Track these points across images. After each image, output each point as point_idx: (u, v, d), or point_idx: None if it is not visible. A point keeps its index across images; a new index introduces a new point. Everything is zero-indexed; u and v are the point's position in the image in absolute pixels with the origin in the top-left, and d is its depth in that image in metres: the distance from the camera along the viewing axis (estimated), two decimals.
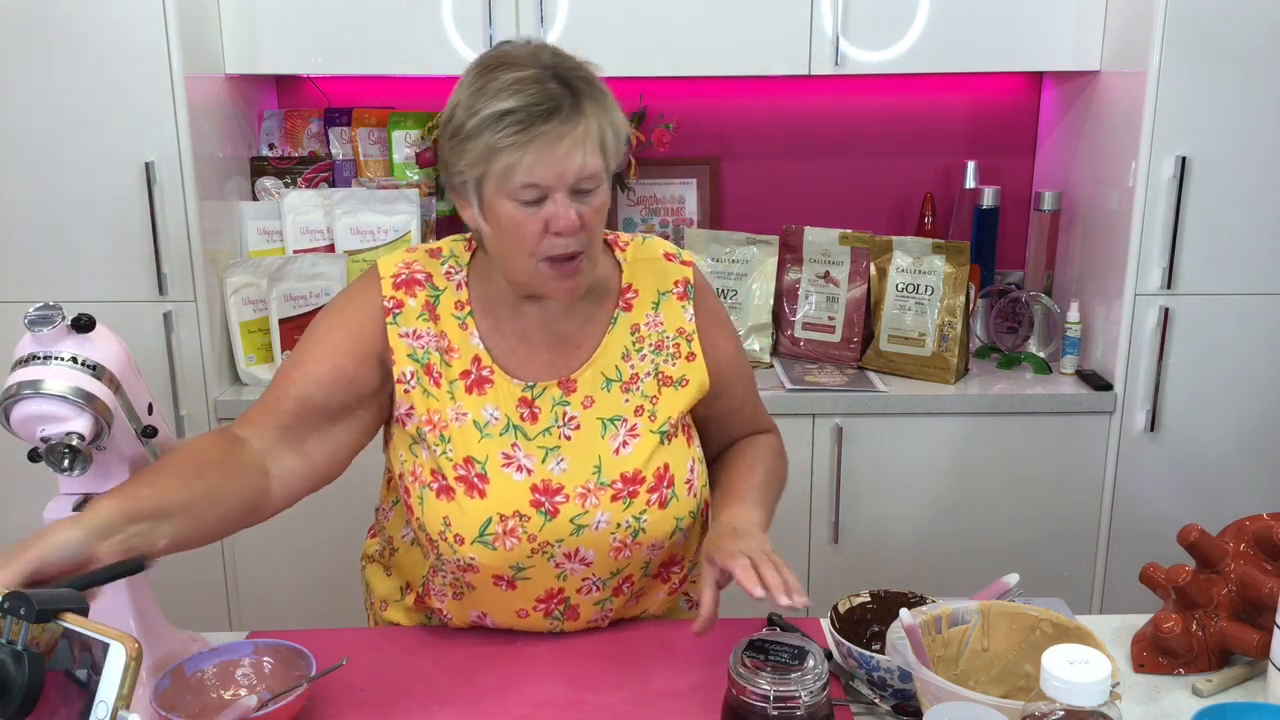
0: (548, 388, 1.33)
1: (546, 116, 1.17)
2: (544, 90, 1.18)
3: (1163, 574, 1.34)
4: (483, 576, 1.31)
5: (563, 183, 1.20)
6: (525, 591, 1.33)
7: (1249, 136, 2.26)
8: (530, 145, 1.17)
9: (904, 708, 1.21)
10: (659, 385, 1.36)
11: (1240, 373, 2.38)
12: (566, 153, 1.18)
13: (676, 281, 1.41)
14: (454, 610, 1.39)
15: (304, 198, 2.56)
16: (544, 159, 1.18)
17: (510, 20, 2.39)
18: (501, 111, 1.18)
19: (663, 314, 1.39)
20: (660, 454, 1.34)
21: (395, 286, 1.33)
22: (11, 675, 0.97)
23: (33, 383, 1.14)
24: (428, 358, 1.31)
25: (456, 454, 1.30)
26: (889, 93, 2.79)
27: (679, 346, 1.38)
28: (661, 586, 1.44)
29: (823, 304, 2.61)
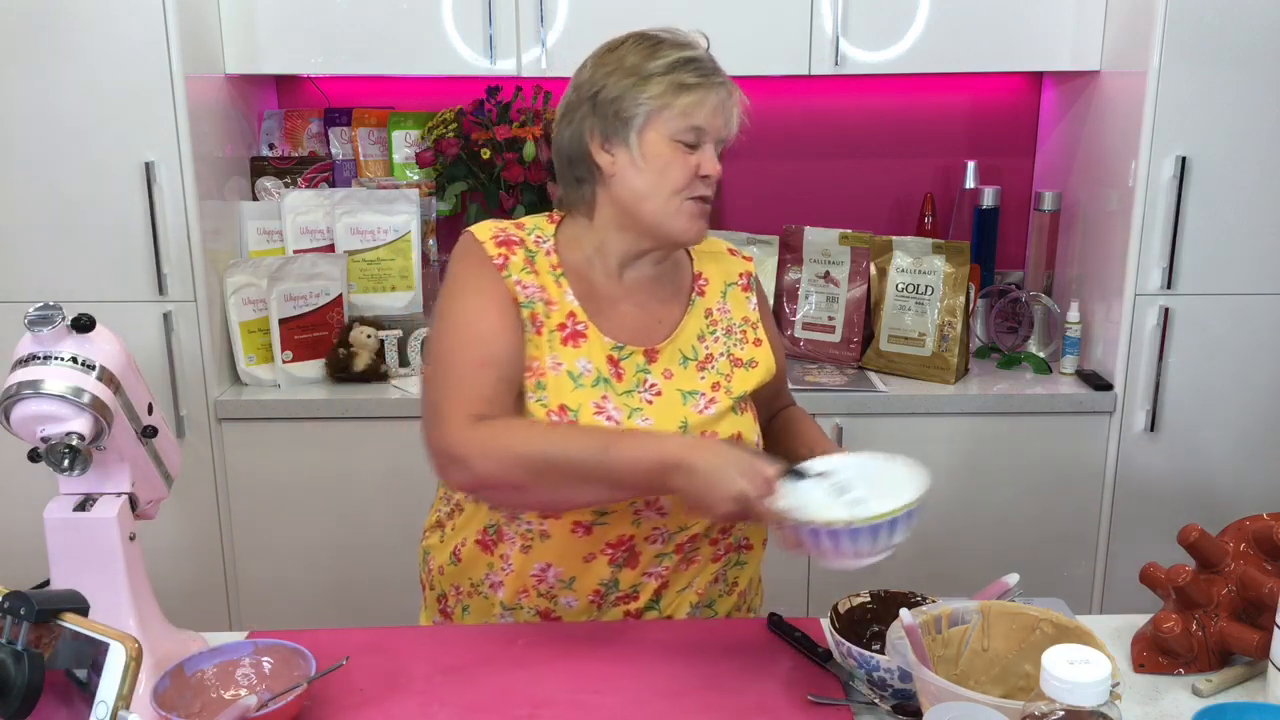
0: (634, 353, 1.41)
1: (717, 73, 1.38)
2: (707, 55, 1.40)
3: (1163, 574, 1.34)
4: (564, 523, 1.37)
5: (717, 134, 1.37)
6: (598, 537, 1.39)
7: (1249, 136, 2.26)
8: (711, 91, 1.35)
9: (904, 708, 1.21)
10: (731, 366, 1.46)
11: (1240, 373, 2.38)
12: (729, 109, 1.38)
13: (740, 274, 1.54)
14: (519, 562, 1.42)
15: (304, 198, 2.56)
16: (713, 108, 1.35)
17: (510, 20, 2.39)
18: (689, 58, 1.37)
19: (729, 303, 1.50)
20: (735, 422, 1.43)
21: (497, 245, 1.40)
22: (11, 675, 0.97)
23: (33, 383, 1.14)
24: (532, 307, 1.39)
25: (551, 401, 1.35)
26: (889, 93, 2.79)
27: (745, 333, 1.50)
28: (712, 560, 1.47)
29: (823, 304, 2.61)
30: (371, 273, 2.58)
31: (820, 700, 1.23)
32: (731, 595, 1.53)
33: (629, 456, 1.23)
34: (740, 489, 1.18)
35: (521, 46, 2.42)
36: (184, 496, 2.37)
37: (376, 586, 2.48)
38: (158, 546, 1.58)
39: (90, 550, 1.21)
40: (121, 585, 1.21)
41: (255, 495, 2.44)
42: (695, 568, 1.46)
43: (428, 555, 1.55)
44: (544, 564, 1.42)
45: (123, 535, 1.22)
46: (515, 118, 2.58)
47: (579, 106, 1.39)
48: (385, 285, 2.59)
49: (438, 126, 2.63)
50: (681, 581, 1.46)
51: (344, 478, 2.43)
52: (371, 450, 2.40)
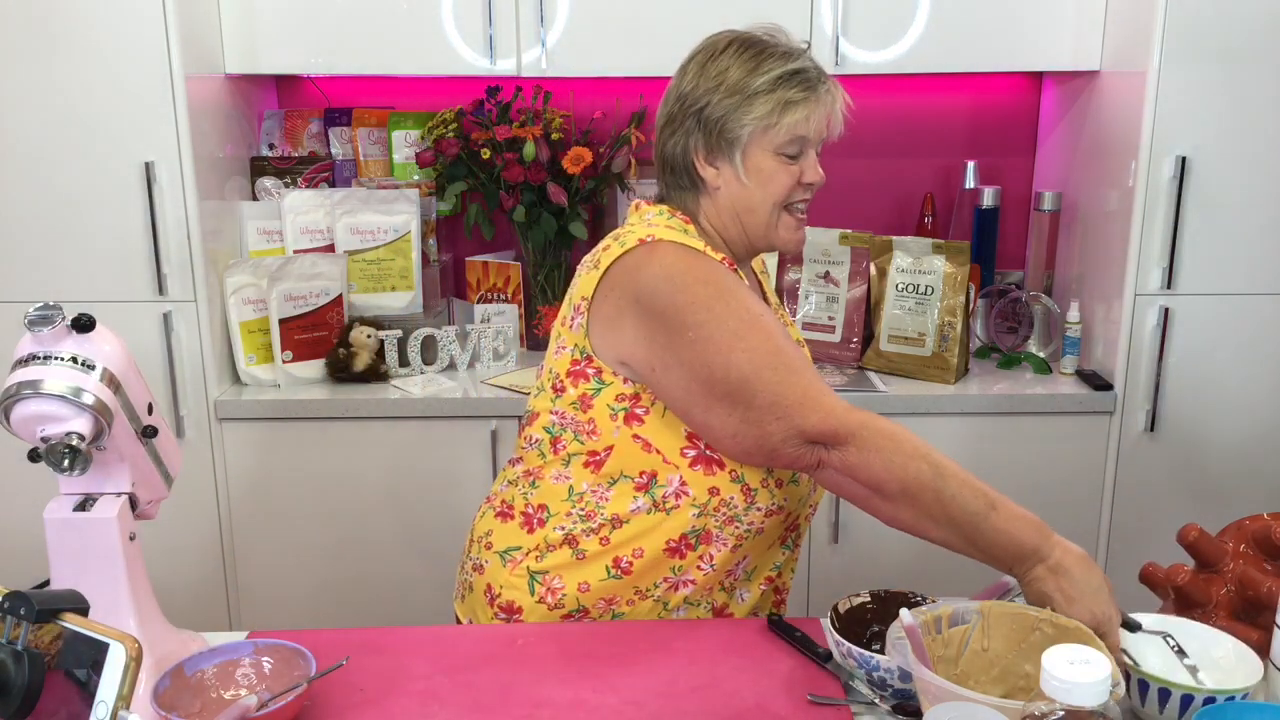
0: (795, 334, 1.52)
1: (822, 79, 1.39)
2: (810, 61, 1.40)
3: (1162, 573, 1.34)
4: (779, 518, 1.43)
5: (820, 138, 1.41)
6: (782, 522, 1.45)
7: (1249, 136, 2.26)
8: (817, 101, 1.37)
9: (904, 708, 1.21)
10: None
11: (1240, 373, 2.38)
12: (834, 112, 1.41)
13: (762, 259, 1.63)
14: (722, 560, 1.43)
15: (304, 198, 2.56)
16: (821, 116, 1.38)
17: (510, 20, 2.39)
18: (792, 71, 1.37)
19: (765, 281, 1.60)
20: None
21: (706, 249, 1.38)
22: (11, 675, 0.97)
23: (33, 383, 1.14)
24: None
25: None
26: (889, 93, 2.79)
27: (782, 314, 1.58)
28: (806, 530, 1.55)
29: (823, 304, 2.61)
30: (371, 273, 2.58)
31: (820, 700, 1.23)
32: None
33: (1008, 528, 1.22)
34: (1108, 614, 1.18)
35: (521, 46, 2.42)
36: (184, 496, 2.37)
37: (376, 586, 2.48)
38: (158, 546, 1.58)
39: (90, 550, 1.21)
40: (121, 585, 1.21)
41: (255, 495, 2.44)
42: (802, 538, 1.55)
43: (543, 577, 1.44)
44: (743, 557, 1.45)
45: (123, 535, 1.22)
46: (515, 118, 2.58)
47: (683, 120, 1.41)
48: (385, 285, 2.59)
49: (438, 126, 2.63)
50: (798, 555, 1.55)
51: (344, 478, 2.43)
52: (371, 450, 2.40)
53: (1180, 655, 1.22)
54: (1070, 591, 1.19)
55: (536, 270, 2.67)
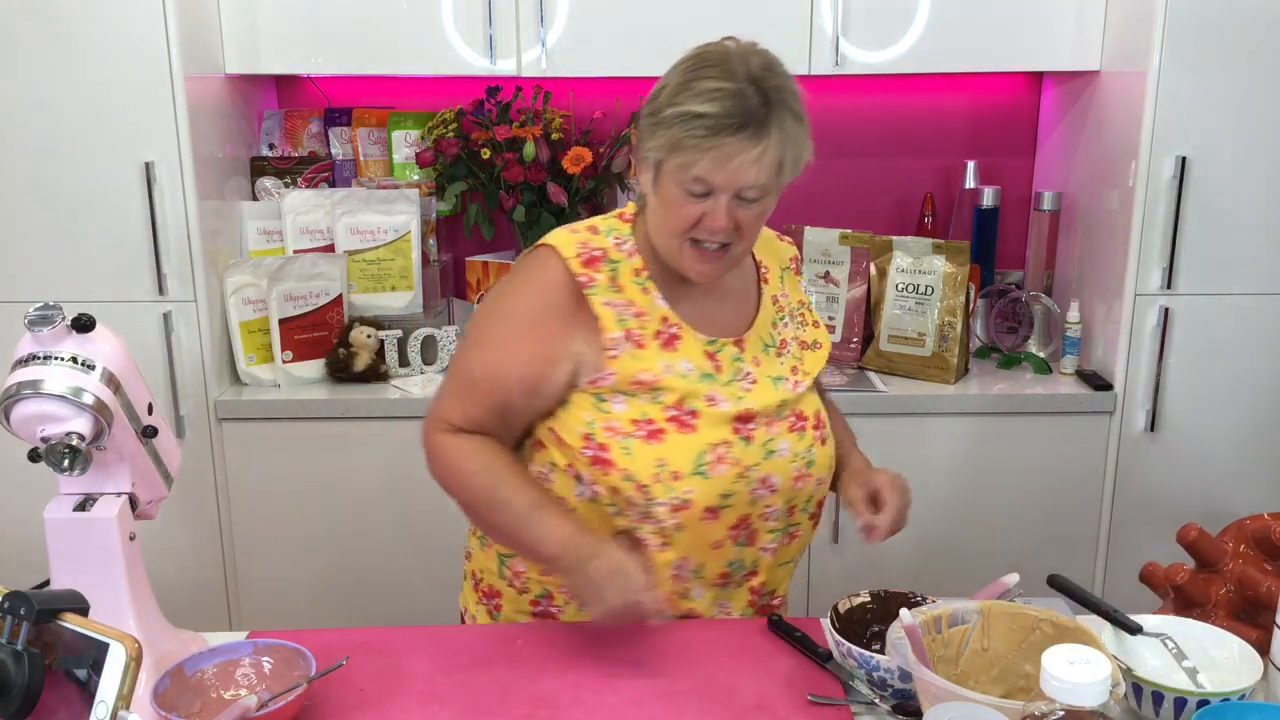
0: (726, 344, 1.44)
1: (734, 130, 1.27)
2: (740, 105, 1.27)
3: (1162, 573, 1.34)
4: (694, 512, 1.38)
5: (729, 189, 1.30)
6: (723, 521, 1.40)
7: (1249, 136, 2.26)
8: (711, 151, 1.27)
9: (904, 708, 1.21)
10: (800, 349, 1.51)
11: (1240, 373, 2.38)
12: (741, 166, 1.28)
13: (791, 259, 1.59)
14: (659, 560, 1.41)
15: (304, 198, 2.56)
16: (720, 166, 1.28)
17: (510, 20, 2.39)
18: (696, 113, 1.28)
19: (787, 288, 1.55)
20: (813, 400, 1.49)
21: (583, 264, 1.40)
22: (11, 675, 0.97)
23: (33, 383, 1.14)
24: (627, 324, 1.40)
25: (668, 399, 1.38)
26: (889, 93, 2.79)
27: (804, 316, 1.55)
28: (811, 531, 1.51)
29: (823, 304, 2.61)
30: (371, 273, 2.58)
31: (820, 700, 1.23)
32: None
33: (539, 533, 1.34)
34: (611, 608, 1.28)
35: (521, 46, 2.42)
36: (184, 496, 2.37)
37: (376, 586, 2.48)
38: (158, 546, 1.58)
39: (90, 550, 1.21)
40: (121, 585, 1.21)
41: (255, 495, 2.44)
42: (798, 542, 1.50)
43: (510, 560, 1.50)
44: (680, 559, 1.42)
45: (123, 535, 1.22)
46: (515, 118, 2.58)
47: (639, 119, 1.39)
48: (385, 285, 2.59)
49: (438, 126, 2.63)
50: (786, 555, 1.50)
51: (344, 478, 2.43)
52: (371, 450, 2.40)
53: (1179, 658, 1.22)
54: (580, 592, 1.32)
55: None
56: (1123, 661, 1.18)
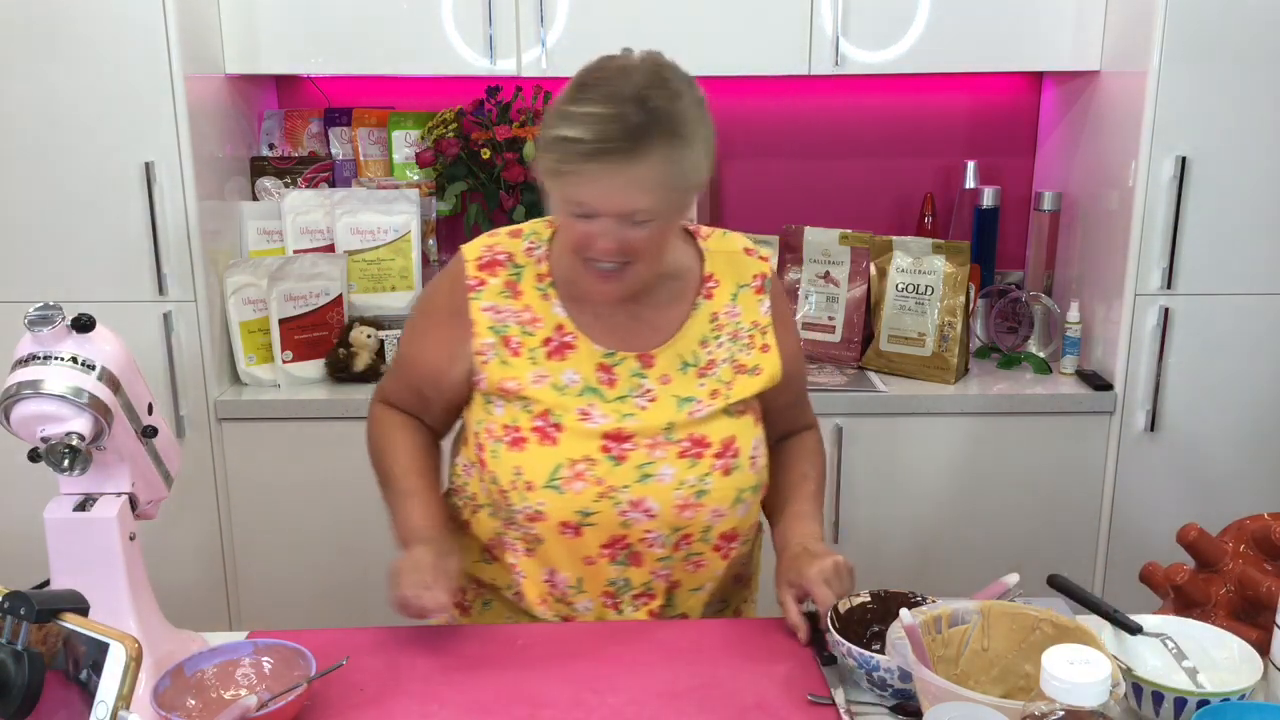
0: (626, 358, 1.40)
1: (607, 154, 1.22)
2: (616, 127, 1.22)
3: (1161, 573, 1.34)
4: (549, 524, 1.38)
5: (610, 213, 1.26)
6: (591, 538, 1.39)
7: (1249, 136, 2.26)
8: (584, 175, 1.24)
9: (904, 708, 1.21)
10: (734, 372, 1.43)
11: (1240, 373, 2.38)
12: (615, 189, 1.24)
13: (755, 275, 1.48)
14: (528, 569, 1.43)
15: (304, 198, 2.56)
16: (596, 191, 1.25)
17: (510, 20, 2.39)
18: (570, 138, 1.24)
19: (740, 305, 1.46)
20: (728, 425, 1.41)
21: (479, 268, 1.44)
22: (11, 675, 0.97)
23: (33, 383, 1.14)
24: (506, 330, 1.40)
25: (535, 409, 1.38)
26: (889, 93, 2.79)
27: (754, 338, 1.45)
28: (720, 561, 1.46)
29: (823, 304, 2.61)
30: (371, 273, 2.58)
31: (820, 700, 1.23)
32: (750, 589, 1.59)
33: (398, 513, 1.45)
34: (396, 597, 1.33)
35: (521, 46, 2.42)
36: (184, 496, 2.37)
37: (376, 586, 2.46)
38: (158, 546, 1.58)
39: (90, 550, 1.21)
40: (121, 585, 1.21)
41: (255, 495, 2.44)
42: (705, 571, 1.45)
43: None
44: (549, 569, 1.43)
45: (123, 535, 1.22)
46: (515, 118, 2.58)
47: None
48: (385, 285, 2.59)
49: (438, 126, 2.63)
50: (692, 582, 1.46)
51: (344, 478, 2.42)
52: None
53: (1179, 658, 1.22)
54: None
55: None
56: (1123, 661, 1.18)
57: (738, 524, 1.44)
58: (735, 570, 1.51)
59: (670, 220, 1.32)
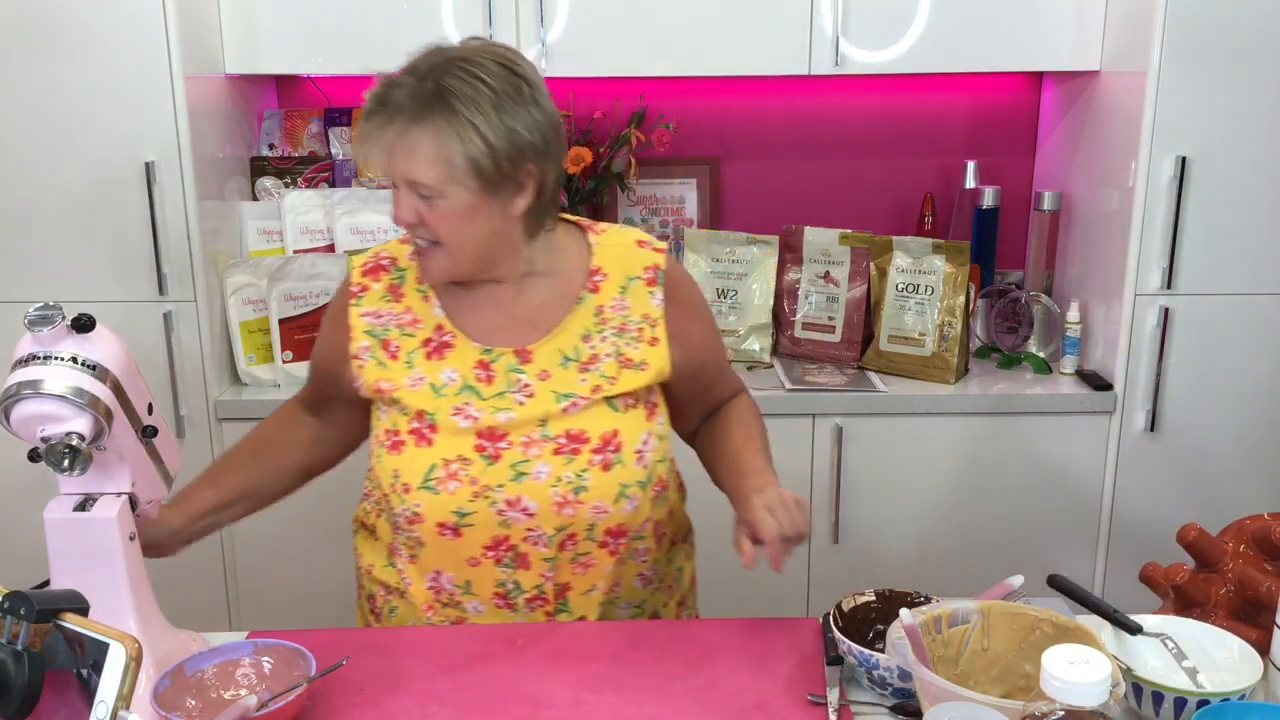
0: (504, 354, 1.40)
1: (387, 116, 1.27)
2: (403, 92, 1.27)
3: (1161, 573, 1.34)
4: (428, 526, 1.39)
5: (397, 176, 1.30)
6: (471, 539, 1.39)
7: (1249, 136, 2.26)
8: (370, 135, 1.29)
9: (904, 708, 1.21)
10: (619, 367, 1.41)
11: (1240, 373, 2.38)
12: (397, 152, 1.28)
13: (646, 268, 1.45)
14: (412, 575, 1.45)
15: (304, 198, 2.56)
16: (379, 151, 1.29)
17: (510, 20, 2.39)
18: (367, 99, 1.30)
19: (629, 299, 1.43)
20: (610, 419, 1.39)
21: (363, 274, 1.47)
22: (11, 675, 0.97)
23: (33, 383, 1.14)
24: (386, 334, 1.42)
25: (410, 412, 1.39)
26: (889, 93, 2.79)
27: (642, 331, 1.42)
28: (609, 558, 1.43)
29: (823, 304, 2.61)
30: None
31: (820, 700, 1.23)
32: (671, 594, 1.56)
33: None
34: None
35: (521, 46, 2.41)
36: None
37: None
38: None
39: (90, 550, 1.21)
40: (121, 585, 1.21)
41: None
42: (595, 570, 1.43)
43: (358, 552, 1.59)
44: (434, 571, 1.43)
45: (123, 535, 1.22)
46: None
47: None
48: None
49: None
50: (583, 584, 1.44)
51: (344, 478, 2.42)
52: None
53: (1179, 658, 1.22)
54: None
55: None
56: (1123, 661, 1.18)
57: (626, 520, 1.41)
58: (637, 569, 1.48)
59: (459, 204, 1.29)
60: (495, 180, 1.29)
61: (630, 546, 1.45)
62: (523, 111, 1.30)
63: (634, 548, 1.45)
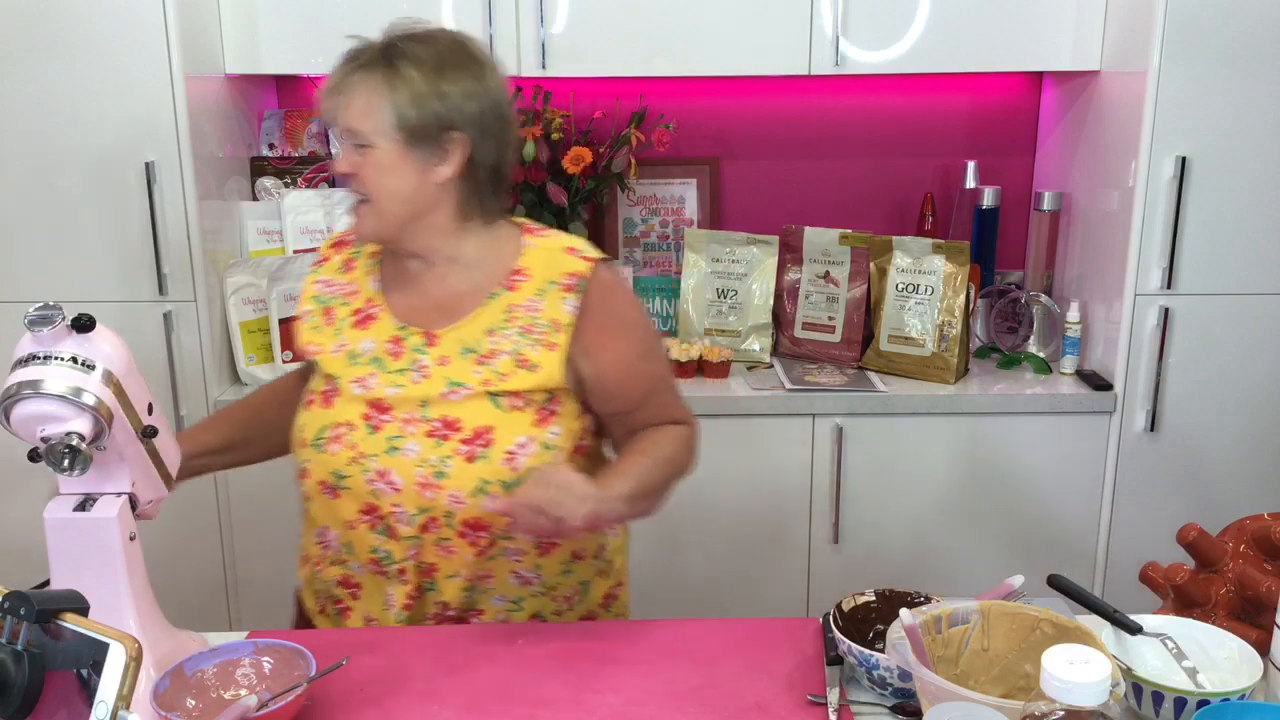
0: (415, 334, 1.45)
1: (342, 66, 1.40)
2: (359, 47, 1.41)
3: (1161, 573, 1.34)
4: (311, 482, 1.46)
5: (340, 124, 1.39)
6: (347, 501, 1.44)
7: (1249, 136, 2.26)
8: (328, 85, 1.41)
9: (904, 708, 1.21)
10: (515, 365, 1.42)
11: (1240, 373, 2.38)
12: (341, 98, 1.38)
13: (567, 274, 1.46)
14: (306, 528, 1.54)
15: (304, 198, 2.56)
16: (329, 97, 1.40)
17: (510, 20, 2.39)
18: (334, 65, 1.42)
19: (544, 301, 1.44)
20: (488, 414, 1.40)
21: (330, 246, 1.59)
22: (11, 675, 0.97)
23: (33, 383, 1.14)
24: (330, 301, 1.51)
25: (323, 373, 1.47)
26: (889, 93, 2.79)
27: (545, 335, 1.43)
28: (469, 549, 1.43)
29: (823, 304, 2.61)
30: None
31: (820, 700, 1.23)
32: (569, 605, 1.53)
33: None
34: None
35: (521, 46, 2.42)
36: (184, 496, 2.36)
37: None
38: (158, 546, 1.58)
39: (90, 550, 1.21)
40: (121, 585, 1.21)
41: (255, 495, 2.44)
42: (456, 558, 1.43)
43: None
44: (322, 527, 1.49)
45: (123, 535, 1.22)
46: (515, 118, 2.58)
47: None
48: None
49: None
50: (446, 568, 1.44)
51: None
52: None
53: (1179, 658, 1.22)
54: None
55: None
56: (1123, 661, 1.18)
57: (486, 517, 1.40)
58: (511, 567, 1.46)
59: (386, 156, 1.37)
60: (420, 137, 1.37)
61: (499, 545, 1.43)
62: (463, 79, 1.39)
63: (503, 546, 1.44)
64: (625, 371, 1.47)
